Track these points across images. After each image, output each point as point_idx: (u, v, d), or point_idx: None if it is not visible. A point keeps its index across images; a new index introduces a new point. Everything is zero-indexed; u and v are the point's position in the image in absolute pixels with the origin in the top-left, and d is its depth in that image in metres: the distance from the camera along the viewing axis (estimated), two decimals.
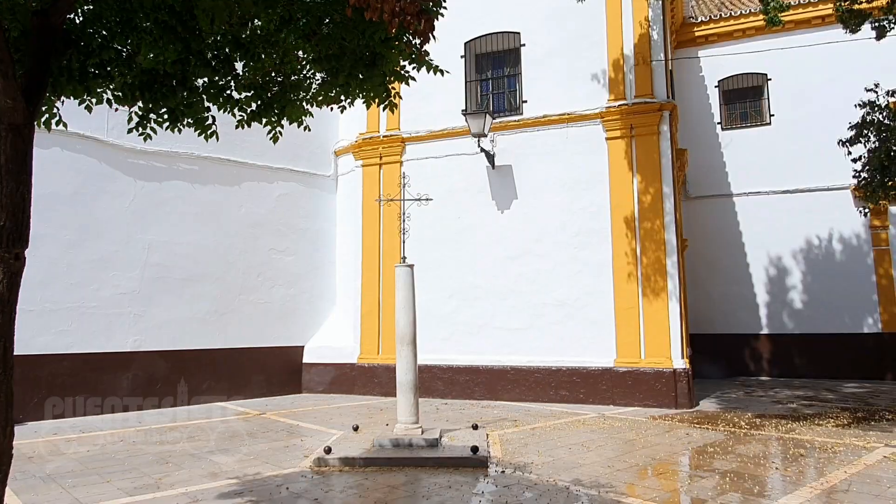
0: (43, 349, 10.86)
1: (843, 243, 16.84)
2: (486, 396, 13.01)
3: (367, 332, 14.37)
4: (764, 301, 17.56)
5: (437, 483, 6.57)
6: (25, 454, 7.98)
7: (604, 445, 8.40)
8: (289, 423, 10.54)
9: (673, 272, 12.08)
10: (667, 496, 6.14)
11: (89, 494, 6.19)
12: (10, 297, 2.97)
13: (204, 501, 5.94)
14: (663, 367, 11.76)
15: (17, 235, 3.03)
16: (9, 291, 2.96)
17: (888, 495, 5.95)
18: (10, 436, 2.84)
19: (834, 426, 9.56)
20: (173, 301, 12.65)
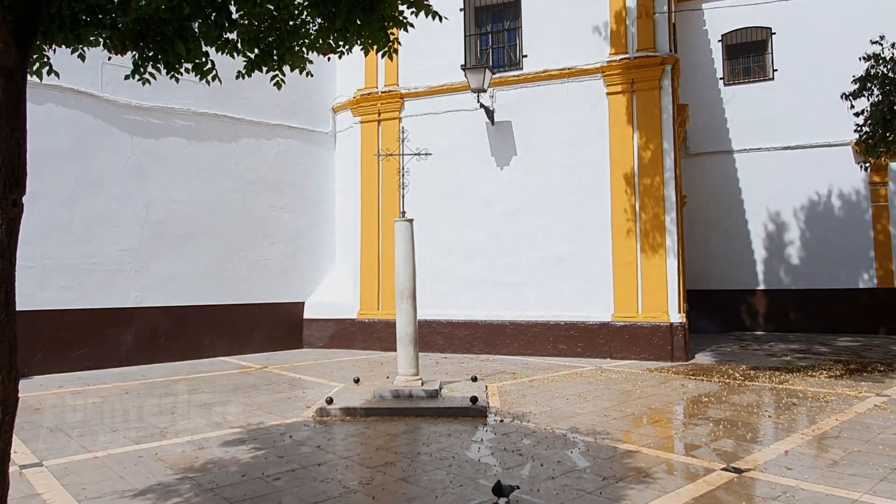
0: (45, 304, 10.96)
1: (842, 199, 16.83)
2: (485, 350, 13.18)
3: (366, 287, 14.47)
4: (761, 257, 17.65)
5: (436, 431, 6.72)
6: (32, 406, 8.13)
7: (600, 396, 8.55)
8: (290, 376, 10.70)
9: (672, 228, 12.11)
10: (661, 442, 6.29)
11: (96, 443, 6.33)
12: (10, 244, 2.99)
13: (209, 448, 6.08)
14: (660, 322, 11.89)
15: (13, 181, 3.03)
16: (8, 238, 2.97)
17: (877, 441, 6.10)
18: (15, 380, 2.89)
19: (827, 377, 9.72)
20: (174, 257, 12.70)
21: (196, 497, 4.70)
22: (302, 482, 5.05)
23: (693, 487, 4.84)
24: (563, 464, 5.47)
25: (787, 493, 4.68)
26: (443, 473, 5.23)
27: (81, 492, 4.83)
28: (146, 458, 5.78)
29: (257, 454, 5.86)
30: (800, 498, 4.57)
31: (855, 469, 5.23)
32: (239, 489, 4.88)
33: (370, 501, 4.61)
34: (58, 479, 5.14)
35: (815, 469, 5.28)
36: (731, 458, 5.60)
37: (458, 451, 5.90)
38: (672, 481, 5.01)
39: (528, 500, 4.56)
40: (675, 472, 5.31)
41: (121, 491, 4.85)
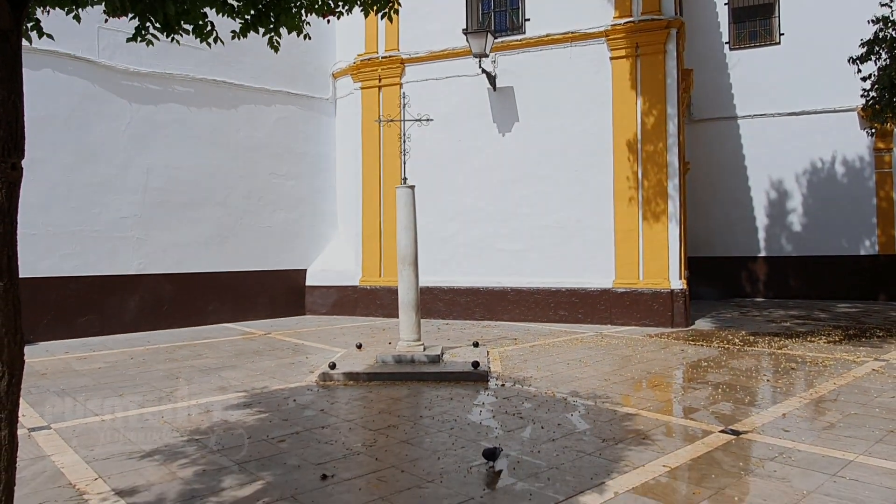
0: (49, 272, 11.01)
1: (845, 166, 16.74)
2: (486, 317, 13.27)
3: (368, 254, 14.50)
4: (763, 224, 17.63)
5: (438, 395, 6.80)
6: (38, 371, 8.23)
7: (601, 361, 8.63)
8: (293, 342, 10.80)
9: (674, 195, 12.06)
10: (661, 405, 6.37)
11: (103, 406, 6.43)
12: (10, 208, 2.98)
13: (215, 412, 6.17)
14: (661, 288, 11.93)
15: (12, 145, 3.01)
16: (8, 202, 2.96)
17: (874, 404, 6.17)
18: (21, 344, 2.92)
19: (826, 342, 9.79)
20: (175, 225, 12.71)
21: (203, 458, 4.78)
22: (306, 444, 5.13)
23: (691, 449, 4.92)
24: (563, 426, 5.55)
25: (783, 454, 4.76)
26: (445, 436, 5.31)
27: (90, 453, 4.92)
28: (153, 421, 5.87)
29: (262, 417, 5.95)
30: (796, 459, 4.64)
31: (851, 431, 5.30)
32: (245, 451, 4.96)
33: (374, 462, 4.69)
34: (66, 442, 5.23)
35: (812, 431, 5.36)
36: (730, 420, 5.68)
37: (459, 415, 5.99)
38: (671, 443, 5.08)
39: (528, 462, 4.64)
40: (674, 434, 5.39)
41: (128, 452, 4.94)
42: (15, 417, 2.89)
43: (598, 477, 4.32)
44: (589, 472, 4.41)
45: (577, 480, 4.26)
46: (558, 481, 4.25)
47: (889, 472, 4.34)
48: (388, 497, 4.03)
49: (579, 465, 4.57)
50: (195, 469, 4.55)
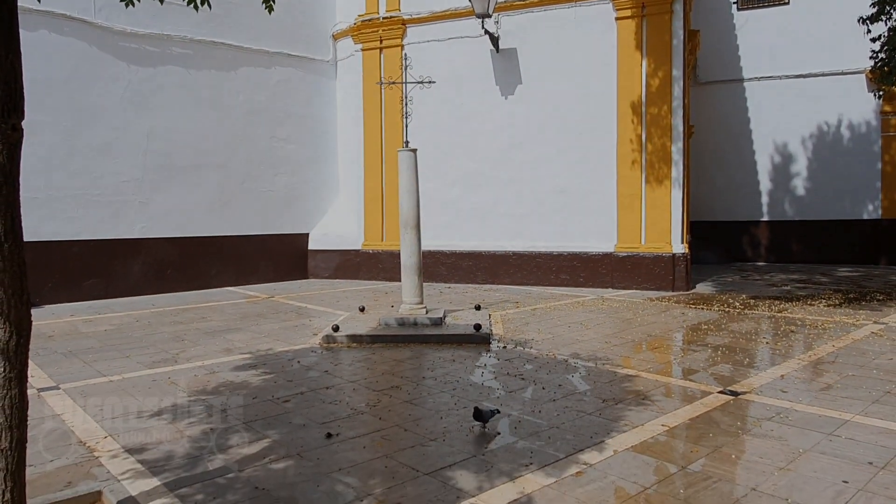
0: (52, 235, 11.04)
1: (851, 130, 16.57)
2: (488, 281, 13.33)
3: (370, 218, 14.50)
4: (766, 189, 17.55)
5: (441, 357, 6.88)
6: (45, 333, 8.32)
7: (602, 324, 8.70)
8: (297, 305, 10.88)
9: (678, 159, 11.98)
10: (660, 367, 6.45)
11: (110, 367, 6.52)
12: (12, 170, 2.98)
13: (220, 373, 6.26)
14: (663, 252, 11.95)
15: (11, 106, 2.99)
16: (10, 163, 2.96)
17: (872, 365, 6.24)
18: (27, 304, 2.95)
19: (825, 306, 9.85)
20: (177, 189, 12.68)
21: (210, 417, 4.87)
22: (311, 404, 5.22)
23: (690, 409, 5.00)
24: (563, 387, 5.62)
25: (780, 414, 4.83)
26: (447, 396, 5.39)
27: (99, 412, 5.01)
28: (160, 381, 5.96)
29: (267, 378, 6.04)
30: (793, 419, 4.72)
31: (849, 392, 5.37)
32: (250, 410, 5.05)
33: (377, 422, 4.78)
34: (75, 401, 5.33)
35: (810, 392, 5.43)
36: (728, 381, 5.75)
37: (461, 376, 6.07)
38: (670, 403, 5.16)
39: (529, 421, 4.72)
40: (673, 394, 5.46)
41: (137, 412, 5.03)
42: (24, 377, 2.94)
43: (598, 436, 4.40)
44: (589, 432, 4.49)
45: (577, 439, 4.35)
46: (559, 440, 4.33)
47: (884, 432, 4.42)
48: (391, 455, 4.11)
49: (579, 424, 4.65)
50: (202, 428, 4.64)
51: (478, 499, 3.45)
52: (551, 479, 3.69)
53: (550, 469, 3.84)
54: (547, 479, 3.70)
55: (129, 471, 3.84)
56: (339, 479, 3.75)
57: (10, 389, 2.87)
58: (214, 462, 3.99)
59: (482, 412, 4.48)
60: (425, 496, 3.49)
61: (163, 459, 4.04)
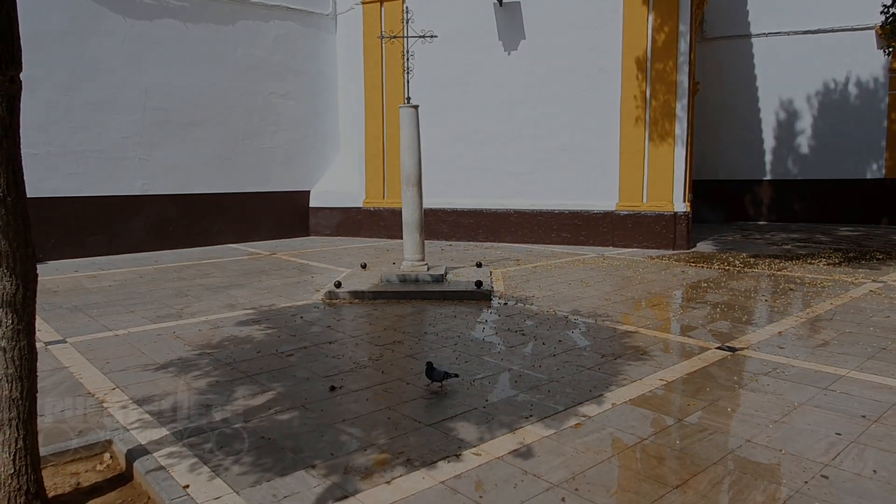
0: (53, 192, 11.01)
1: (858, 87, 16.34)
2: (489, 238, 13.35)
3: (371, 176, 14.44)
4: (770, 147, 17.41)
5: (442, 313, 6.95)
6: (50, 289, 8.38)
7: (602, 281, 8.76)
8: (298, 262, 10.93)
9: (682, 116, 11.85)
10: (659, 324, 6.52)
11: (116, 322, 6.59)
12: (12, 122, 2.96)
13: (224, 328, 6.34)
14: (664, 211, 11.93)
15: (9, 58, 2.95)
16: (9, 116, 2.94)
17: (869, 323, 6.30)
18: (32, 257, 2.97)
19: (825, 265, 9.89)
20: (177, 145, 12.59)
21: (215, 370, 4.96)
22: (314, 358, 5.30)
23: (688, 364, 5.07)
24: (563, 343, 5.70)
25: (777, 369, 4.91)
26: (449, 351, 5.47)
27: (106, 365, 5.09)
28: (164, 336, 6.04)
29: (270, 333, 6.11)
30: (789, 374, 4.79)
31: (845, 348, 5.44)
32: (255, 364, 5.13)
33: (380, 375, 4.86)
34: (82, 355, 5.41)
35: (807, 348, 5.50)
36: (726, 338, 5.82)
37: (463, 331, 6.14)
38: (668, 358, 5.24)
39: (530, 375, 4.80)
40: (672, 350, 5.54)
41: (143, 365, 5.11)
42: (32, 329, 2.98)
43: (597, 389, 4.48)
44: (588, 385, 4.57)
45: (576, 392, 4.43)
46: (558, 393, 4.42)
47: (878, 387, 4.49)
48: (394, 407, 4.19)
49: (579, 378, 4.73)
50: (208, 380, 4.72)
51: (479, 449, 3.54)
52: (551, 431, 3.78)
53: (550, 421, 3.92)
54: (546, 430, 3.79)
55: (138, 421, 3.93)
56: (343, 429, 3.83)
57: (19, 341, 2.92)
58: (221, 413, 4.08)
59: (434, 370, 4.41)
60: (427, 446, 3.58)
61: (170, 410, 4.12)
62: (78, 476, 3.35)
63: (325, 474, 3.24)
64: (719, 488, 3.09)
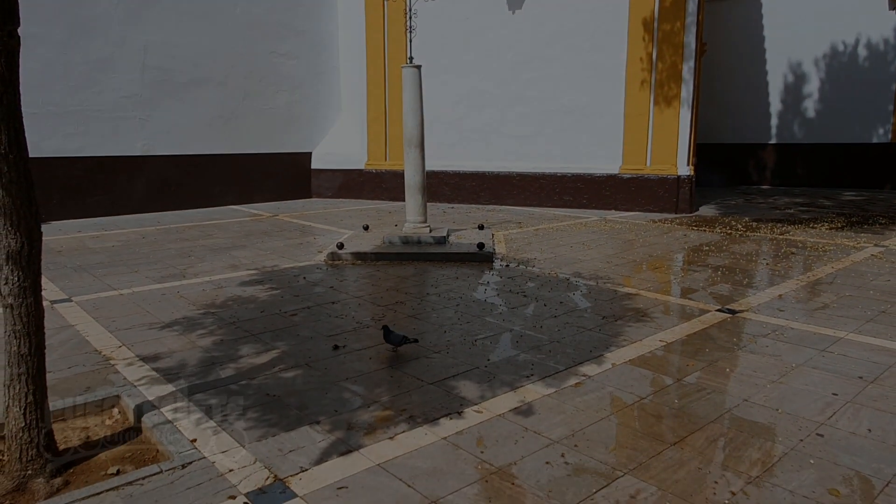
0: (54, 152, 10.95)
1: (868, 49, 16.07)
2: (491, 201, 13.32)
3: (373, 137, 14.34)
4: (776, 110, 17.22)
5: (444, 275, 6.98)
6: (54, 249, 8.41)
7: (604, 244, 8.77)
8: (301, 223, 10.94)
9: (688, 78, 11.69)
10: (660, 286, 6.55)
11: (120, 282, 6.64)
12: (12, 78, 2.94)
13: (228, 288, 6.38)
14: (668, 174, 11.87)
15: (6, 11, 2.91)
16: (9, 71, 2.91)
17: (869, 286, 6.33)
18: (36, 214, 2.98)
19: (827, 229, 9.88)
20: (177, 106, 12.48)
21: (220, 329, 5.01)
22: (317, 318, 5.35)
23: (688, 326, 5.12)
24: (565, 304, 5.74)
25: (776, 331, 4.95)
26: (451, 312, 5.51)
27: (112, 323, 5.15)
28: (169, 295, 6.08)
29: (273, 293, 6.16)
30: (788, 336, 4.83)
31: (844, 311, 5.48)
32: (259, 323, 5.18)
33: (382, 335, 4.90)
34: (88, 313, 5.46)
35: (806, 311, 5.54)
36: (727, 300, 5.86)
37: (465, 293, 6.18)
38: (668, 320, 5.28)
39: (531, 336, 4.85)
40: (672, 312, 5.58)
41: (148, 323, 5.17)
42: (38, 286, 3.01)
43: (597, 350, 4.53)
44: (588, 346, 4.62)
45: (577, 353, 4.48)
46: (559, 353, 4.47)
47: (875, 349, 4.54)
48: (396, 365, 4.25)
49: (579, 339, 4.78)
50: (213, 339, 4.78)
51: (480, 406, 3.60)
52: (551, 389, 3.83)
53: (550, 380, 3.98)
54: (547, 389, 3.85)
55: (145, 377, 3.99)
56: (347, 387, 3.89)
57: (26, 298, 2.94)
58: (226, 371, 4.14)
59: (391, 334, 4.39)
60: (430, 404, 3.64)
61: (176, 367, 4.18)
62: (87, 430, 3.42)
63: (329, 430, 3.31)
64: (716, 445, 3.15)
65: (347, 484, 2.80)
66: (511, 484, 2.81)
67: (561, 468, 2.94)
